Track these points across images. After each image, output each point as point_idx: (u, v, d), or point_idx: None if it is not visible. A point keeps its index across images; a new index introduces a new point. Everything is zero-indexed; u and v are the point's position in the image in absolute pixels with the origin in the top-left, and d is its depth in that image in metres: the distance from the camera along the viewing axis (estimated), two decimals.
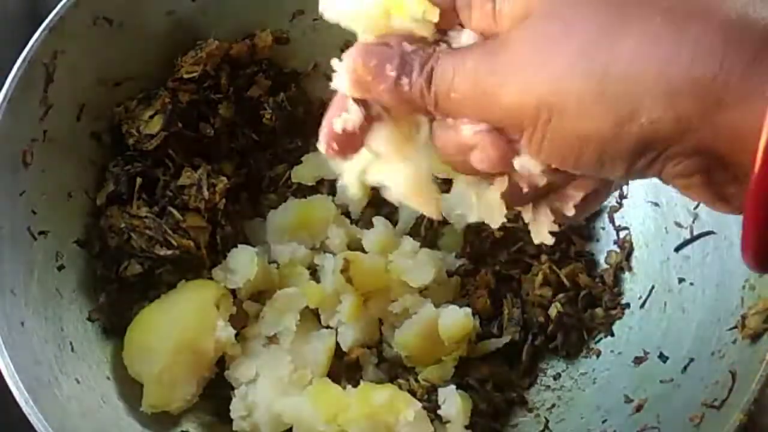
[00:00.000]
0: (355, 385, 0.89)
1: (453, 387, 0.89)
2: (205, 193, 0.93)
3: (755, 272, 0.51)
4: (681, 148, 0.48)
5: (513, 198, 0.57)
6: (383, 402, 0.86)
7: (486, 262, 0.99)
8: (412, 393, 0.89)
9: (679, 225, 0.92)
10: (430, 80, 0.53)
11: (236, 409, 0.89)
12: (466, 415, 0.89)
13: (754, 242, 0.48)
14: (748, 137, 0.45)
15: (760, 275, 0.79)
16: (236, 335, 0.91)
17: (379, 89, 0.54)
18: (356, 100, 0.55)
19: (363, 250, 0.96)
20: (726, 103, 0.46)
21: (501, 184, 0.56)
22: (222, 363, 0.93)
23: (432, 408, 0.89)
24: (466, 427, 0.89)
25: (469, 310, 0.91)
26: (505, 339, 0.95)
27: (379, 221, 0.97)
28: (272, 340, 0.93)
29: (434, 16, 0.54)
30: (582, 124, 0.48)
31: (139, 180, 0.93)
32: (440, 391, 0.90)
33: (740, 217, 0.48)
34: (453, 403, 0.88)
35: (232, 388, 0.91)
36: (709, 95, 0.46)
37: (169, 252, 0.91)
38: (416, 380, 0.91)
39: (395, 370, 0.94)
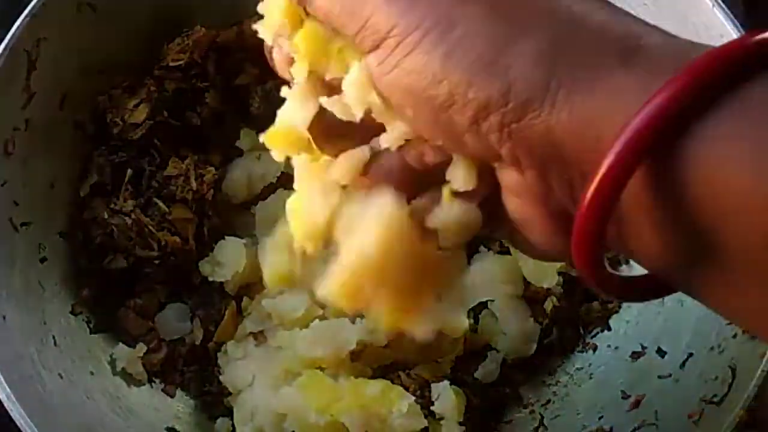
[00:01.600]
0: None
1: (446, 383, 0.88)
2: (193, 184, 0.92)
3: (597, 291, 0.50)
4: (529, 127, 0.43)
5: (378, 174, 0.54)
6: (376, 394, 0.85)
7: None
8: (405, 388, 0.88)
9: None
10: None
11: (240, 419, 0.88)
12: (460, 411, 0.88)
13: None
14: (604, 127, 0.41)
15: None
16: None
17: None
18: None
19: None
20: (599, 88, 0.42)
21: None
22: (214, 361, 0.92)
23: (425, 404, 0.88)
24: (460, 423, 0.88)
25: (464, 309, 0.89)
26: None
27: None
28: (260, 338, 0.92)
29: None
30: (455, 51, 0.44)
31: (129, 171, 0.92)
32: (433, 386, 0.89)
33: None
34: (447, 398, 0.87)
35: (221, 386, 0.91)
36: (584, 71, 0.43)
37: (152, 253, 0.90)
38: (408, 375, 0.90)
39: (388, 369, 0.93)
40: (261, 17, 0.55)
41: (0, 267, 0.82)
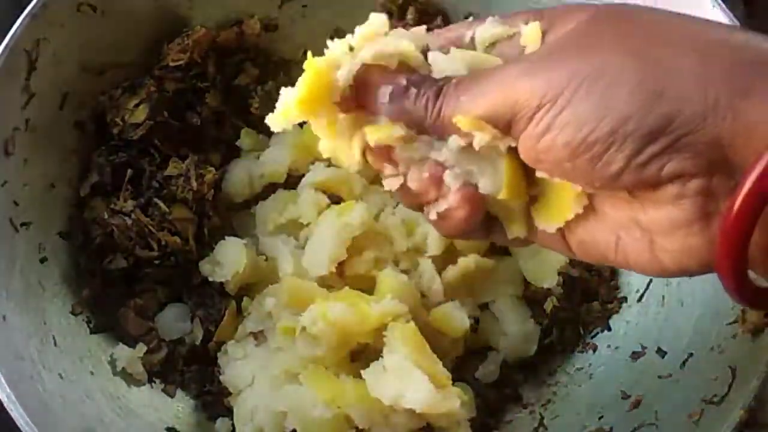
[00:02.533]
0: None
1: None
2: (194, 184, 0.92)
3: (741, 304, 0.52)
4: (697, 138, 0.47)
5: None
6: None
7: None
8: None
9: None
10: (439, 92, 0.55)
11: (240, 418, 0.88)
12: (472, 408, 0.88)
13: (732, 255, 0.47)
14: (762, 129, 0.45)
15: None
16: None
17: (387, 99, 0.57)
18: None
19: None
20: (755, 89, 0.46)
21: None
22: (214, 361, 0.92)
23: None
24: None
25: (464, 309, 0.90)
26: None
27: None
28: (260, 337, 0.92)
29: None
30: (613, 93, 0.49)
31: (129, 172, 0.92)
32: None
33: None
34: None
35: (221, 386, 0.91)
36: (742, 77, 0.46)
37: (152, 253, 0.90)
38: None
39: None
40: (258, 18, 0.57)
41: (0, 267, 0.82)
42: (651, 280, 0.92)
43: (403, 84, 0.56)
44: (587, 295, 0.96)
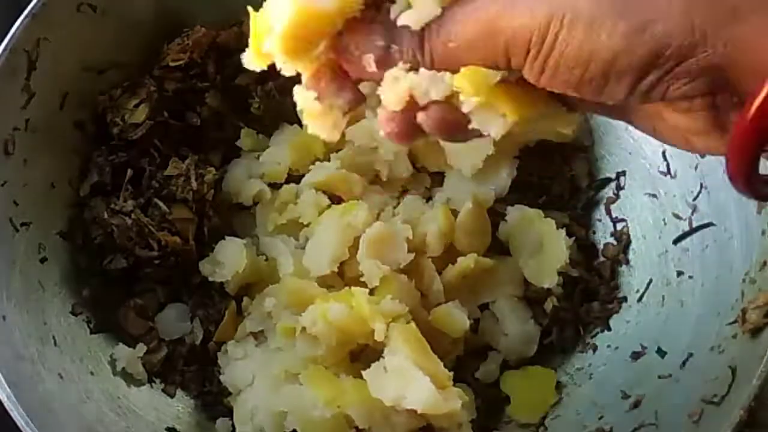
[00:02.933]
0: None
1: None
2: (194, 184, 0.92)
3: (746, 196, 0.53)
4: (690, 65, 0.48)
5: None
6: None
7: None
8: None
9: (677, 217, 0.90)
10: (422, 43, 0.54)
11: (240, 418, 0.88)
12: (472, 410, 0.88)
13: (739, 157, 0.48)
14: (758, 51, 0.46)
15: (761, 269, 0.78)
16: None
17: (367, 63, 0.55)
18: None
19: None
20: (741, 14, 0.47)
21: None
22: (214, 361, 0.92)
23: None
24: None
25: (464, 309, 0.90)
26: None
27: None
28: (260, 337, 0.92)
29: None
30: (593, 35, 0.49)
31: (129, 172, 0.92)
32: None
33: (740, 208, 0.48)
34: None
35: (221, 386, 0.91)
36: (724, 4, 0.47)
37: (152, 253, 0.90)
38: None
39: None
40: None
41: (0, 267, 0.82)
42: (651, 281, 0.92)
43: (381, 45, 0.55)
44: (587, 295, 0.96)
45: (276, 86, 0.98)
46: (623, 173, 0.97)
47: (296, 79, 0.59)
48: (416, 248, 0.91)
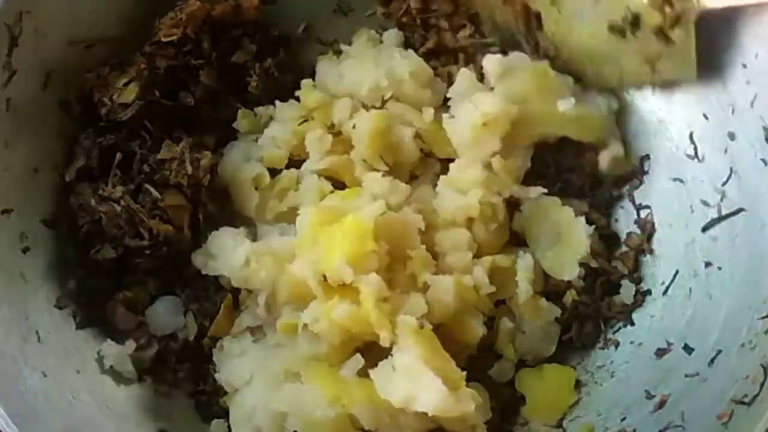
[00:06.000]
0: None
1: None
2: (188, 168, 0.90)
3: None
4: None
5: None
6: None
7: None
8: None
9: (705, 203, 0.89)
10: None
11: (237, 420, 0.87)
12: (486, 411, 0.86)
13: None
14: None
15: None
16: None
17: None
18: None
19: None
20: None
21: None
22: (209, 358, 0.91)
23: None
24: None
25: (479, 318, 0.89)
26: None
27: None
28: (258, 333, 0.91)
29: None
30: None
31: (118, 155, 0.90)
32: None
33: None
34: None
35: (216, 384, 0.90)
36: None
37: (143, 243, 0.88)
38: None
39: None
40: None
41: None
42: (677, 272, 0.91)
43: None
44: (609, 288, 0.94)
45: (275, 63, 0.97)
46: (647, 157, 0.95)
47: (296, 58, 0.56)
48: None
